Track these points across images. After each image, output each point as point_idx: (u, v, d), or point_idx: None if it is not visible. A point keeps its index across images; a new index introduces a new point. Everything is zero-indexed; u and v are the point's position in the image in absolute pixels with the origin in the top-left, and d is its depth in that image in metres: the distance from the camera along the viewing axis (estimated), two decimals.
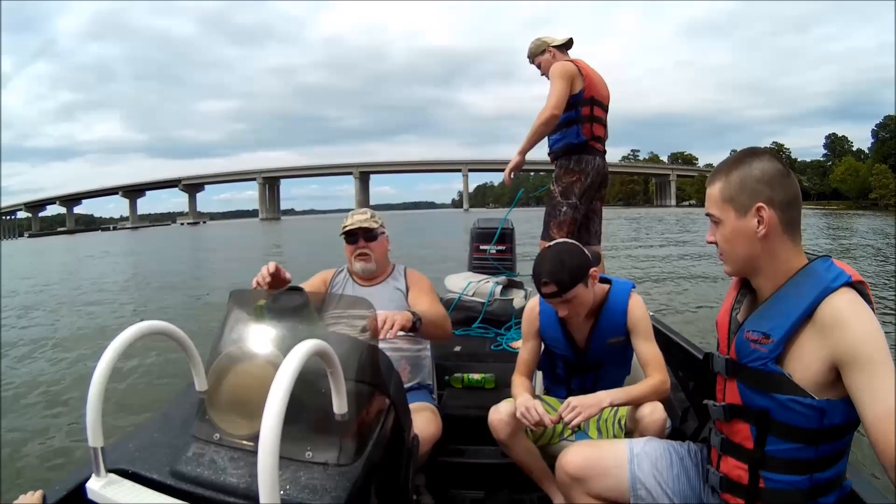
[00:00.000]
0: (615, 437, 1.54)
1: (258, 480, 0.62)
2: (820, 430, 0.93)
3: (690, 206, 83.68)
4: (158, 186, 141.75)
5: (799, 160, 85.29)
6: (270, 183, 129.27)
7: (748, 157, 1.00)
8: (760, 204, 0.96)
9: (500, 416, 1.51)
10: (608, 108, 2.75)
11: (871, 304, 0.93)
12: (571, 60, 2.67)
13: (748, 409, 1.01)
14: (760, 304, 1.01)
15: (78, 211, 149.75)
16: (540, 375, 1.82)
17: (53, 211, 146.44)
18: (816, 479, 0.96)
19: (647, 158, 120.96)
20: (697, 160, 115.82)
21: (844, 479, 1.00)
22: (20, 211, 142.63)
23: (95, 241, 45.26)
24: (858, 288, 0.93)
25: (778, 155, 1.02)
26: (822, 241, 16.48)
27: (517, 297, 3.18)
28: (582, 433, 1.62)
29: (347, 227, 1.86)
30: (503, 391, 1.89)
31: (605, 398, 1.40)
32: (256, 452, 0.63)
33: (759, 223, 0.96)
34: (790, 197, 0.97)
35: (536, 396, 1.62)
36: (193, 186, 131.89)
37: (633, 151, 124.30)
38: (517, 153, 2.70)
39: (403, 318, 1.52)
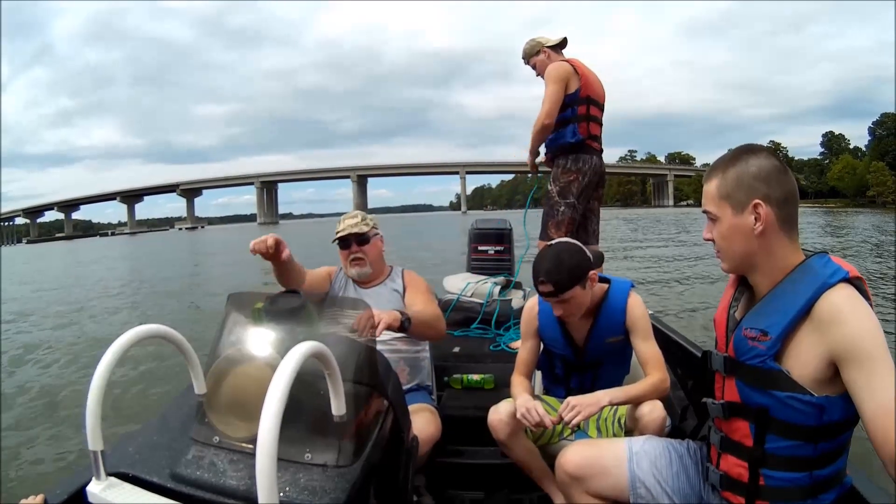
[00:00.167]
0: (615, 436, 1.54)
1: (257, 482, 0.62)
2: (819, 426, 0.93)
3: (688, 206, 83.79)
4: (156, 191, 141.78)
5: (796, 159, 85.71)
6: (268, 187, 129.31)
7: (745, 153, 1.00)
8: (757, 200, 0.96)
9: (499, 416, 1.51)
10: (604, 106, 2.75)
11: (868, 299, 0.93)
12: (566, 60, 2.67)
13: (747, 406, 1.00)
14: (758, 301, 1.01)
15: (76, 216, 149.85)
16: (539, 375, 1.82)
17: (51, 217, 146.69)
18: (816, 475, 0.96)
19: (644, 159, 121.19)
20: (695, 160, 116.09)
21: (845, 475, 1.00)
22: (18, 217, 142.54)
23: (94, 246, 45.20)
24: (856, 284, 0.93)
25: (774, 152, 1.02)
26: (819, 238, 16.51)
27: (516, 297, 3.19)
28: (581, 432, 1.62)
29: (339, 233, 1.86)
30: (502, 391, 1.89)
31: (604, 397, 1.40)
32: (255, 454, 0.63)
33: (755, 220, 0.96)
34: (787, 193, 0.97)
35: (536, 396, 1.62)
36: (191, 191, 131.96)
37: (630, 152, 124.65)
38: (529, 155, 2.86)
39: (390, 317, 1.52)
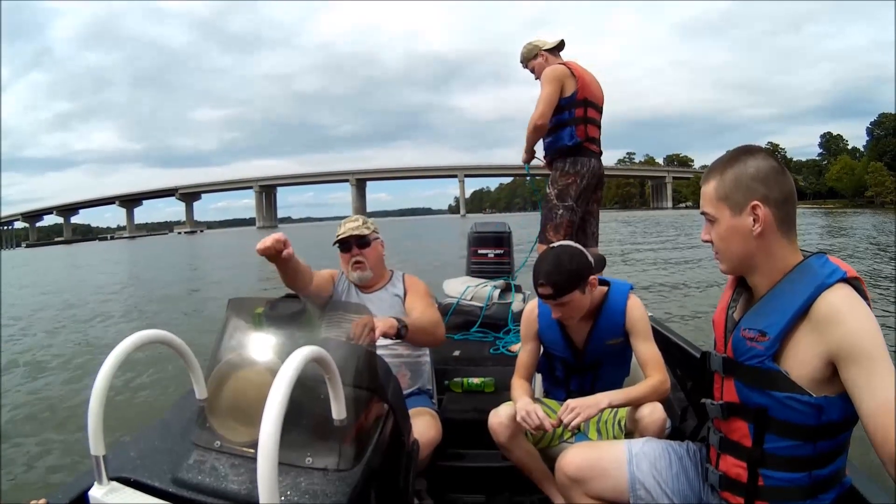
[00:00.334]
0: (615, 438, 1.54)
1: (258, 485, 0.62)
2: (818, 426, 0.93)
3: (687, 207, 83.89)
4: (155, 195, 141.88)
5: (795, 160, 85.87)
6: (267, 191, 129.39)
7: (743, 154, 1.00)
8: (755, 202, 0.96)
9: (499, 419, 1.51)
10: (602, 109, 2.75)
11: (867, 299, 0.93)
12: (564, 63, 2.68)
13: (746, 407, 1.01)
14: (756, 301, 1.02)
15: (75, 221, 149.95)
16: (539, 378, 1.82)
17: (51, 221, 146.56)
18: (815, 475, 0.96)
19: (643, 161, 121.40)
20: (693, 162, 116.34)
21: (844, 475, 1.00)
22: (17, 221, 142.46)
23: (94, 250, 45.13)
24: (854, 284, 0.93)
25: (772, 153, 1.03)
26: (818, 240, 16.52)
27: (515, 300, 3.19)
28: (582, 435, 1.63)
29: (340, 236, 1.85)
30: (503, 394, 1.89)
31: (603, 399, 1.40)
32: (256, 459, 0.63)
33: (754, 221, 0.97)
34: (785, 194, 0.97)
35: (536, 399, 1.62)
36: (190, 195, 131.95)
37: (628, 154, 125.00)
38: (524, 151, 2.83)
39: (386, 324, 1.51)
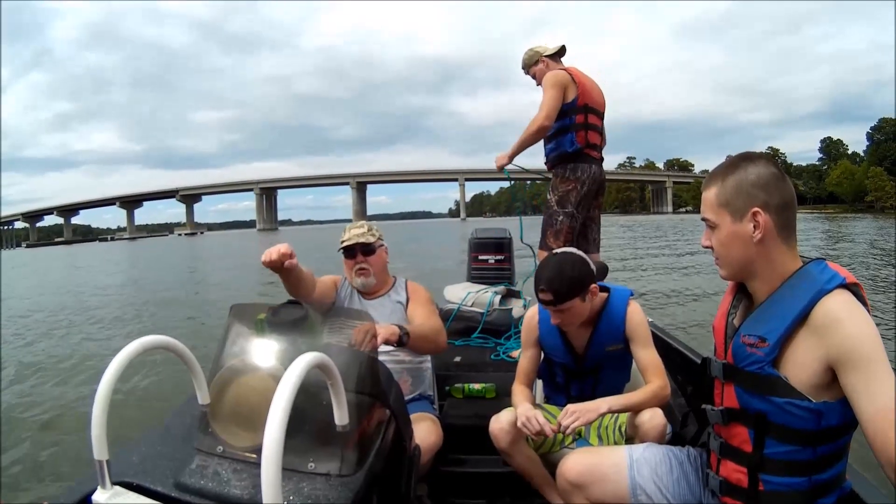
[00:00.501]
0: (615, 443, 1.54)
1: (262, 489, 0.62)
2: (817, 431, 0.94)
3: (687, 212, 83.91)
4: (156, 197, 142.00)
5: (795, 164, 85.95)
6: (268, 193, 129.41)
7: (743, 161, 1.01)
8: (756, 208, 0.97)
9: (500, 425, 1.51)
10: (604, 114, 2.75)
11: (866, 305, 0.93)
12: (565, 68, 2.68)
13: (746, 412, 1.01)
14: (756, 308, 1.02)
15: (75, 221, 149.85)
16: (540, 384, 1.83)
17: (51, 221, 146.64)
18: (815, 480, 0.96)
19: (643, 165, 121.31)
20: (693, 167, 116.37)
21: (844, 479, 1.01)
22: (17, 221, 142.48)
23: (94, 251, 45.12)
24: (853, 290, 0.94)
25: (773, 159, 1.03)
26: (819, 244, 16.51)
27: (516, 306, 3.19)
28: (583, 440, 1.63)
29: (345, 242, 1.85)
30: (504, 400, 1.89)
31: (603, 405, 1.41)
32: (259, 464, 0.63)
33: (754, 227, 0.97)
34: (785, 201, 0.98)
35: (537, 405, 1.63)
36: (191, 197, 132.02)
37: (629, 158, 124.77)
38: (506, 154, 2.71)
39: (388, 331, 1.51)
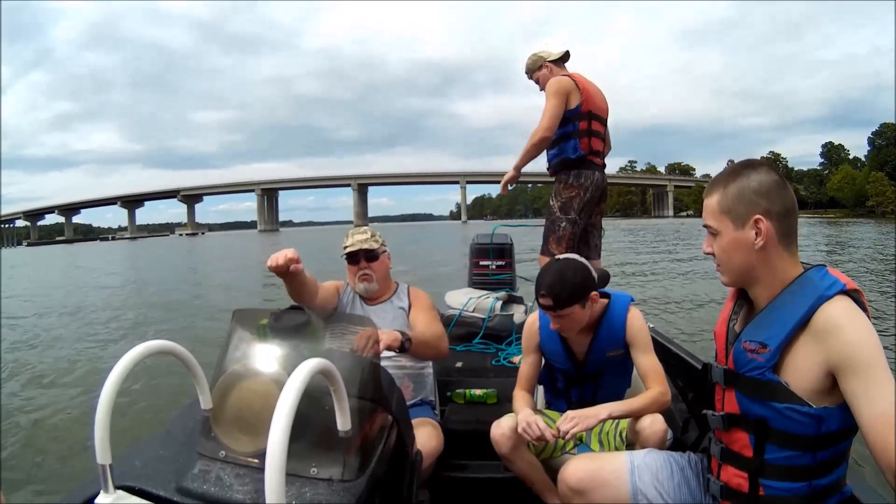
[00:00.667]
0: (616, 449, 1.55)
1: (265, 494, 0.63)
2: (818, 436, 0.94)
3: (688, 216, 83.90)
4: (157, 197, 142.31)
5: (796, 169, 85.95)
6: (269, 194, 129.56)
7: (745, 168, 1.01)
8: (758, 216, 0.97)
9: (501, 430, 1.51)
10: (607, 121, 2.75)
11: (866, 311, 0.94)
12: (568, 74, 2.68)
13: (746, 418, 1.01)
14: (757, 313, 1.02)
15: (76, 220, 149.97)
16: (541, 390, 1.83)
17: (52, 220, 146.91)
18: (816, 485, 0.97)
19: (644, 169, 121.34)
20: (695, 171, 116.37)
21: (844, 484, 1.01)
22: (18, 219, 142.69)
23: (95, 250, 45.11)
24: (853, 296, 0.94)
25: (774, 166, 1.04)
26: (820, 248, 16.51)
27: (517, 312, 3.20)
28: (584, 446, 1.63)
29: (349, 248, 1.85)
30: (505, 406, 1.90)
31: (603, 411, 1.41)
32: (262, 469, 0.64)
33: (756, 234, 0.98)
34: (787, 208, 0.98)
35: (538, 411, 1.63)
36: (192, 197, 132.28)
37: (630, 162, 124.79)
38: (512, 168, 2.76)
39: (390, 337, 1.52)
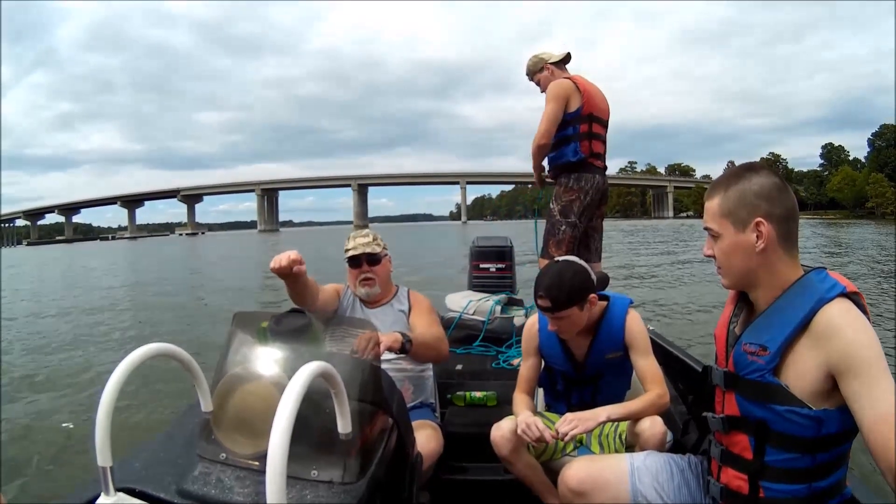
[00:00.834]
0: (616, 451, 1.55)
1: (266, 496, 0.63)
2: (818, 439, 0.94)
3: (688, 217, 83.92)
4: (157, 197, 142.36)
5: (796, 170, 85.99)
6: (269, 194, 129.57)
7: (746, 171, 1.02)
8: (759, 219, 0.98)
9: (501, 432, 1.52)
10: (608, 123, 2.74)
11: (866, 313, 0.94)
12: (569, 77, 2.68)
13: (747, 420, 1.02)
14: (757, 316, 1.03)
15: (76, 220, 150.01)
16: (541, 392, 1.83)
17: (52, 219, 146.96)
18: (816, 487, 0.97)
19: (644, 170, 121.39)
20: (695, 171, 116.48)
21: (844, 486, 1.01)
22: (19, 219, 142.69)
23: (95, 250, 45.08)
24: (853, 298, 0.94)
25: (775, 169, 1.05)
26: (820, 250, 16.50)
27: (517, 314, 3.20)
28: (584, 448, 1.63)
29: (350, 252, 1.84)
30: (505, 408, 1.90)
31: (602, 413, 1.41)
32: (262, 471, 0.64)
33: (757, 238, 0.98)
34: (788, 211, 0.99)
35: (538, 413, 1.63)
36: (192, 197, 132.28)
37: (630, 163, 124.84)
38: (534, 171, 2.87)
39: (390, 338, 1.52)
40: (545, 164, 2.81)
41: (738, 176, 1.02)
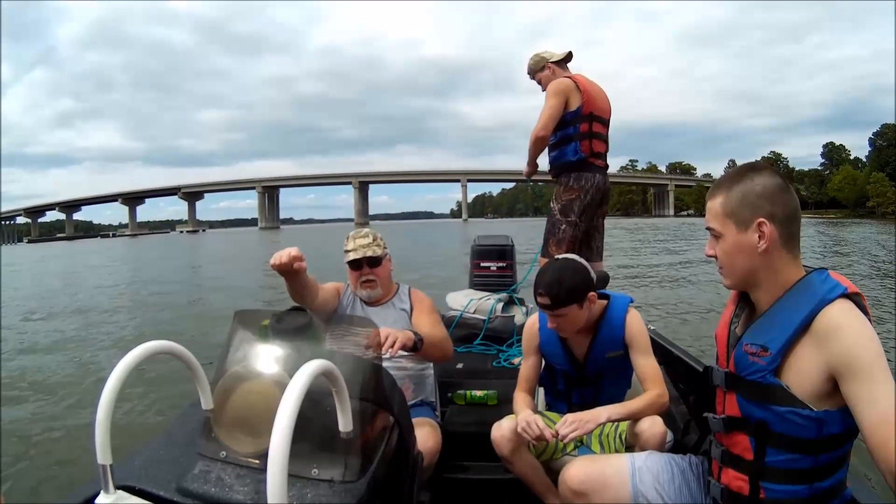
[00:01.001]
0: (616, 451, 1.55)
1: (267, 494, 0.63)
2: (818, 440, 0.94)
3: (688, 215, 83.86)
4: (158, 194, 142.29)
5: (797, 169, 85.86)
6: (270, 192, 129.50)
7: (749, 171, 1.01)
8: (762, 219, 0.97)
9: (502, 432, 1.52)
10: (609, 122, 2.74)
11: (867, 315, 0.94)
12: (570, 76, 2.67)
13: (747, 421, 1.02)
14: (758, 317, 1.03)
15: (77, 217, 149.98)
16: (542, 391, 1.83)
17: (52, 217, 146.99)
18: (816, 487, 0.97)
19: (645, 168, 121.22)
20: (696, 170, 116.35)
21: (845, 487, 1.01)
22: (19, 216, 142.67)
23: (96, 248, 45.08)
24: (855, 299, 0.94)
25: (778, 170, 1.04)
26: (819, 250, 16.48)
27: (518, 313, 3.20)
28: (584, 447, 1.63)
29: (351, 255, 1.83)
30: (505, 407, 1.90)
31: (602, 414, 1.41)
32: (262, 470, 0.64)
33: (759, 238, 0.98)
34: (790, 212, 0.99)
35: (538, 412, 1.63)
36: (193, 195, 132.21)
37: (631, 161, 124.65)
38: (527, 164, 2.88)
39: (405, 336, 1.52)
40: (546, 163, 2.81)
41: (740, 176, 1.01)
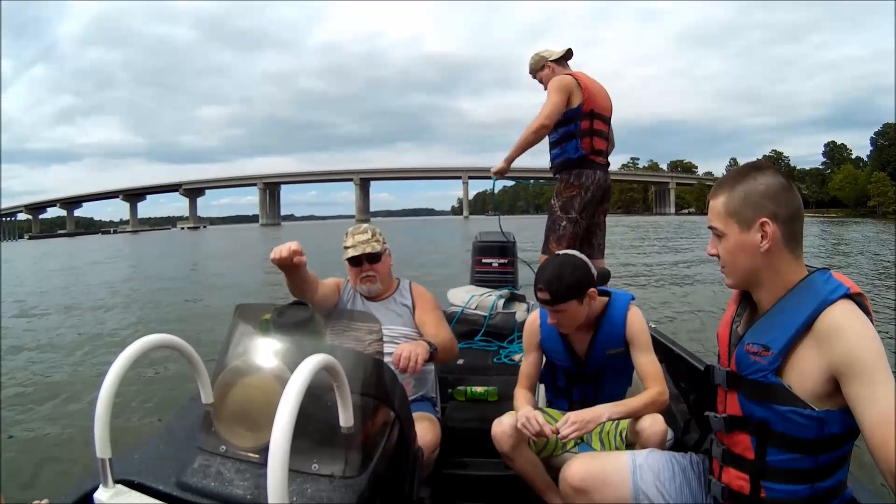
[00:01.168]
0: (617, 449, 1.55)
1: (268, 489, 0.62)
2: (819, 439, 0.94)
3: (689, 213, 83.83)
4: (159, 190, 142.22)
5: (798, 168, 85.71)
6: (271, 188, 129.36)
7: (752, 171, 1.01)
8: (764, 219, 0.97)
9: (502, 428, 1.51)
10: (610, 119, 2.74)
11: (869, 315, 0.94)
12: (571, 73, 2.67)
13: (748, 420, 1.02)
14: (760, 316, 1.02)
15: (78, 214, 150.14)
16: (542, 388, 1.83)
17: (53, 213, 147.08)
18: (817, 487, 0.97)
19: (646, 166, 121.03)
20: (697, 168, 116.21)
21: (846, 487, 1.01)
22: (20, 213, 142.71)
23: (97, 244, 45.11)
24: (857, 300, 0.94)
25: (780, 169, 1.04)
26: (820, 249, 16.46)
27: (519, 310, 3.19)
28: (585, 445, 1.63)
29: (350, 252, 1.83)
30: (506, 404, 1.90)
31: (603, 412, 1.41)
32: (262, 464, 0.63)
33: (762, 238, 0.97)
34: (793, 211, 0.98)
35: (539, 409, 1.63)
36: (194, 191, 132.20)
37: (632, 159, 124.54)
38: (503, 160, 2.75)
39: (424, 351, 1.55)
40: (521, 163, 2.78)
41: (743, 175, 1.01)
